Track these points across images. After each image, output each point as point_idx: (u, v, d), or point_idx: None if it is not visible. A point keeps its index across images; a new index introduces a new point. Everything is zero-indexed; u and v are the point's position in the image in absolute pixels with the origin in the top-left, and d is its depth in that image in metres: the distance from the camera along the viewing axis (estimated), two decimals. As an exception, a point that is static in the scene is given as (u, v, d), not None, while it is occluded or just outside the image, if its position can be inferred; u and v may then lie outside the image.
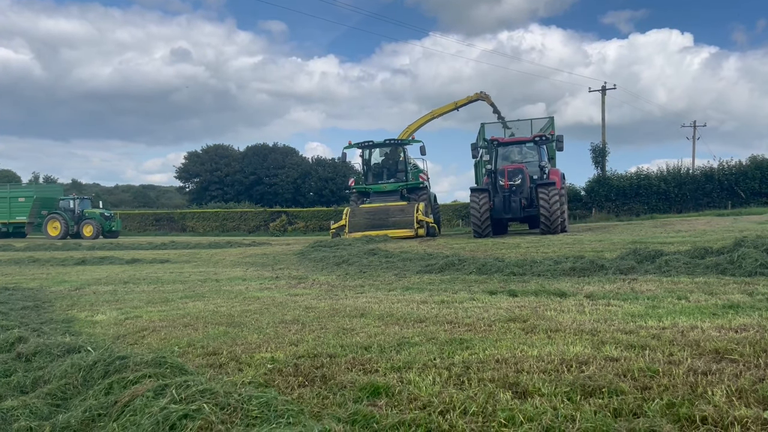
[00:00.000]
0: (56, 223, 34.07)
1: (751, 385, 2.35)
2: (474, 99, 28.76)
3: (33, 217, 36.43)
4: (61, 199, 36.29)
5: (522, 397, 2.47)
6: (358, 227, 19.94)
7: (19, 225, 36.42)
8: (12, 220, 36.27)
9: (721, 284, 5.23)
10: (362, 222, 20.09)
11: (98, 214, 34.69)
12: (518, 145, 19.03)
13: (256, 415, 2.08)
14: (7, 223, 36.22)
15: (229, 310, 5.93)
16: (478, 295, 5.85)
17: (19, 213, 36.11)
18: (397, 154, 24.14)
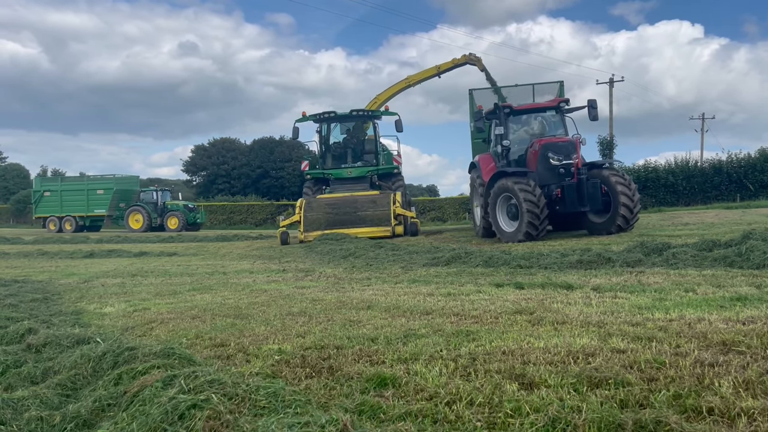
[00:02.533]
0: (138, 216, 32.93)
1: (758, 377, 2.35)
2: (461, 63, 23.05)
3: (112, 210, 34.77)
4: (142, 191, 35.21)
5: (528, 389, 2.48)
6: (315, 224, 15.84)
7: (96, 219, 34.97)
8: (90, 214, 34.87)
9: (729, 277, 5.21)
10: (322, 218, 15.97)
11: (182, 206, 33.61)
12: (538, 112, 14.31)
13: (264, 405, 2.09)
14: (84, 216, 34.85)
15: (237, 302, 5.96)
16: (485, 287, 5.85)
17: (97, 206, 34.64)
18: (364, 131, 19.32)
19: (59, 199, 35.33)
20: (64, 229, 34.43)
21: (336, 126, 19.36)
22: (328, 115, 18.71)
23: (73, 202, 35.18)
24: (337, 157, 18.67)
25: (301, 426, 1.81)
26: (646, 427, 1.91)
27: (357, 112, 18.86)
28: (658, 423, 1.90)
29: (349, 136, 19.33)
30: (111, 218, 35.27)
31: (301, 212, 16.27)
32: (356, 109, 19.03)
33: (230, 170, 57.49)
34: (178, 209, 33.45)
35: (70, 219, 34.92)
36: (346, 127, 19.44)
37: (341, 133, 19.42)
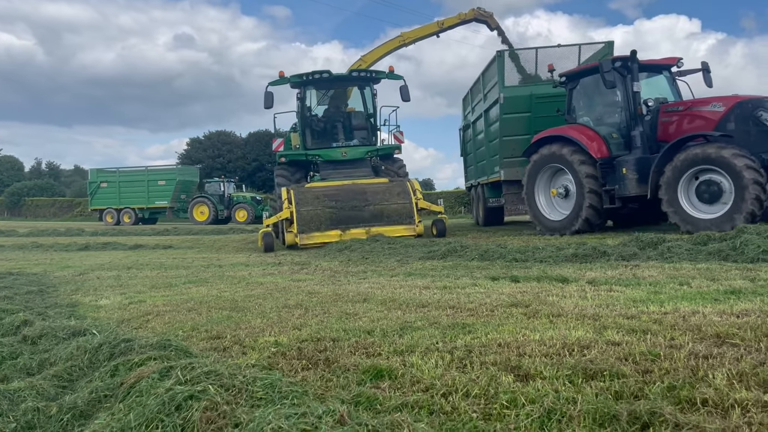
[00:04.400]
0: (203, 208, 32.04)
1: (752, 369, 2.37)
2: (468, 19, 19.17)
3: (174, 202, 33.50)
4: (206, 182, 34.22)
5: (524, 380, 2.49)
6: (314, 223, 11.75)
7: (156, 210, 33.68)
8: (150, 205, 33.59)
9: (723, 270, 5.24)
10: (321, 213, 11.83)
11: (249, 198, 32.69)
12: (660, 70, 11.35)
13: (261, 396, 2.10)
14: (144, 208, 33.61)
15: (233, 295, 5.96)
16: (481, 280, 5.86)
17: (158, 197, 33.32)
18: (358, 99, 14.89)
19: (117, 191, 34.08)
20: (123, 221, 33.33)
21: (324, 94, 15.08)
22: (313, 76, 13.90)
23: (133, 193, 33.93)
24: (322, 133, 14.22)
25: (297, 416, 1.82)
26: (641, 418, 1.92)
27: (354, 72, 14.60)
28: (653, 414, 1.92)
29: (334, 107, 14.95)
30: (173, 210, 33.99)
31: (292, 206, 11.71)
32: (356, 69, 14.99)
33: (226, 163, 57.37)
34: (246, 201, 32.47)
35: (129, 211, 33.81)
36: (335, 96, 15.13)
37: (328, 102, 15.10)
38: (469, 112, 17.42)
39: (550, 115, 12.32)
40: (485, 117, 14.80)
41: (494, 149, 14.23)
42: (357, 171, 13.91)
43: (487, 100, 14.73)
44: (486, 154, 15.24)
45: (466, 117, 18.06)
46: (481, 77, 15.12)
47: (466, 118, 18.26)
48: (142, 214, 33.91)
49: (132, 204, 33.91)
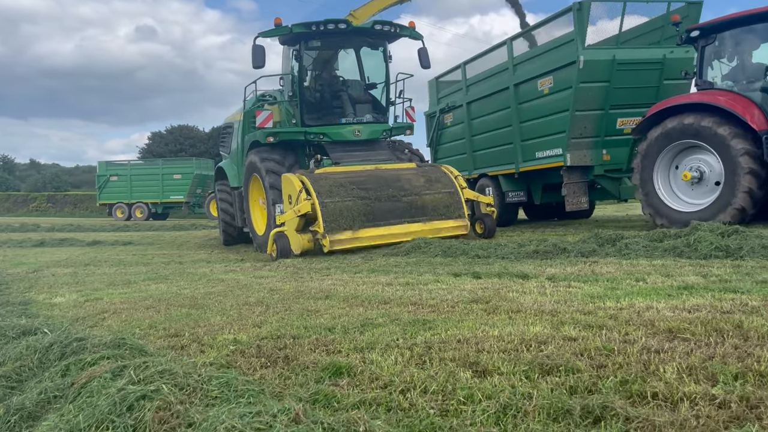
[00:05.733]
0: None
1: (701, 363, 2.43)
2: None
3: (190, 197, 31.74)
4: None
5: (482, 376, 2.51)
6: (345, 219, 8.93)
7: (170, 205, 32.15)
8: (165, 200, 32.09)
9: (678, 266, 5.37)
10: (353, 206, 9.04)
11: None
12: None
13: (216, 395, 2.07)
14: (158, 203, 32.11)
15: (193, 292, 5.88)
16: (443, 277, 5.90)
17: (173, 191, 31.67)
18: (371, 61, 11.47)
19: (128, 185, 32.64)
20: (134, 216, 31.89)
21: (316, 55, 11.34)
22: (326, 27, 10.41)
23: (146, 187, 32.46)
24: (319, 106, 11.03)
25: (252, 415, 1.80)
26: (593, 412, 1.96)
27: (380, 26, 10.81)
28: (605, 408, 1.96)
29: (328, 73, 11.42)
30: (189, 205, 32.22)
31: (312, 197, 8.80)
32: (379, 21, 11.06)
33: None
34: None
35: (142, 206, 32.47)
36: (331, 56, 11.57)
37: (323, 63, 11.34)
38: (457, 91, 14.21)
39: (634, 87, 10.41)
40: (515, 92, 11.98)
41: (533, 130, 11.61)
42: (375, 154, 10.81)
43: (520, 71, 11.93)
44: (508, 138, 12.40)
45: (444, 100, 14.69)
46: (510, 43, 12.30)
47: (441, 101, 14.91)
48: (156, 209, 32.61)
49: (145, 198, 32.60)
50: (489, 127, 13.18)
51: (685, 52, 10.41)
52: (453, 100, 14.38)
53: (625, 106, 10.62)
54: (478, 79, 13.53)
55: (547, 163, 11.41)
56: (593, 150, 10.77)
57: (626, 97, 10.48)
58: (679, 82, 10.59)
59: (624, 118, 10.74)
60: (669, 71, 10.52)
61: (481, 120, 13.45)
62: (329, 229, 8.82)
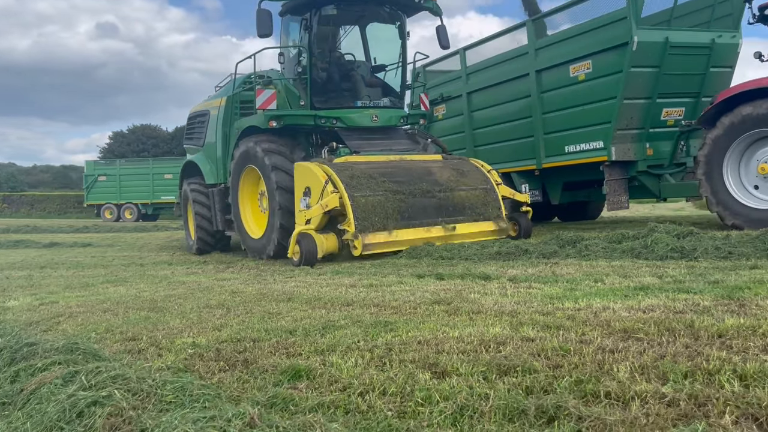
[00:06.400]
0: None
1: (653, 362, 2.49)
2: None
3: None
4: None
5: (440, 377, 2.53)
6: (379, 218, 7.71)
7: (160, 206, 30.92)
8: (155, 201, 30.93)
9: (635, 267, 5.49)
10: (386, 202, 7.82)
11: None
12: None
13: (170, 400, 2.04)
14: (149, 203, 30.99)
15: (153, 295, 5.78)
16: (407, 278, 5.91)
17: (164, 192, 30.35)
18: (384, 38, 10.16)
19: (117, 185, 31.62)
20: (123, 217, 30.95)
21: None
22: None
23: (135, 187, 31.45)
24: (330, 87, 9.60)
25: (206, 420, 1.78)
26: (547, 411, 1.99)
27: None
28: (558, 407, 1.99)
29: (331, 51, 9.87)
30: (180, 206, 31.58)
31: (340, 191, 7.64)
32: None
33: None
34: None
35: (131, 206, 31.48)
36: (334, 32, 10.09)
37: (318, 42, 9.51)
38: (452, 81, 12.86)
39: (682, 74, 9.48)
40: (537, 79, 10.74)
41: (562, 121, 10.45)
42: (395, 143, 9.58)
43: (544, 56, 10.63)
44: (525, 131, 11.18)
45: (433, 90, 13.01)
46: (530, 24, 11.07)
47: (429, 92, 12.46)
48: (146, 209, 31.74)
49: (134, 199, 31.72)
50: (498, 119, 11.81)
51: (731, 38, 9.58)
52: (447, 91, 12.91)
53: (672, 95, 9.64)
54: (483, 66, 12.12)
55: (582, 158, 10.13)
56: (637, 143, 9.69)
57: (673, 85, 9.53)
58: (723, 70, 9.77)
59: (669, 108, 9.75)
60: (716, 58, 9.56)
61: (487, 111, 12.06)
62: (361, 228, 7.54)
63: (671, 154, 9.75)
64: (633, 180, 9.99)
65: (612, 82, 9.43)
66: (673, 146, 9.71)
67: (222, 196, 10.57)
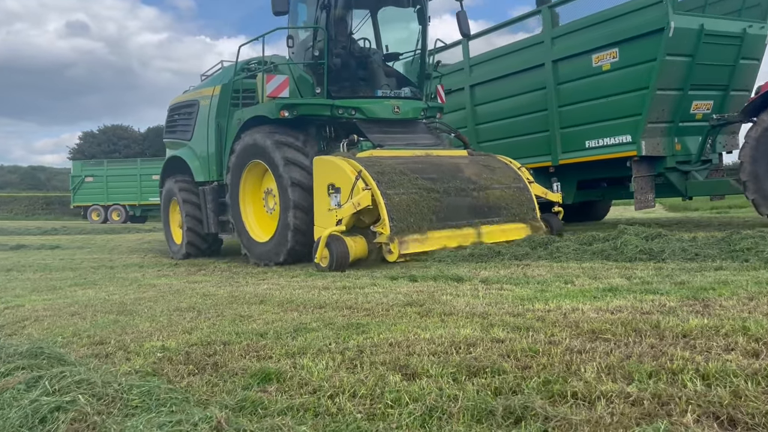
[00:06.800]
0: None
1: (619, 362, 2.53)
2: None
3: None
4: None
5: (411, 379, 2.53)
6: (415, 218, 7.09)
7: (148, 208, 30.30)
8: (143, 202, 30.32)
9: (605, 269, 5.57)
10: (421, 202, 7.20)
11: None
12: None
13: (137, 404, 2.01)
14: (136, 205, 30.40)
15: (122, 297, 5.69)
16: (380, 280, 5.92)
17: (152, 193, 29.26)
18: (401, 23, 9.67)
19: (104, 186, 31.02)
20: (111, 219, 30.33)
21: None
22: None
23: (123, 188, 30.85)
24: (346, 75, 8.77)
25: (172, 424, 1.76)
26: (515, 412, 2.01)
27: None
28: (526, 408, 2.01)
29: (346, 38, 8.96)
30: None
31: (373, 188, 6.96)
32: None
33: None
34: None
35: (119, 208, 30.86)
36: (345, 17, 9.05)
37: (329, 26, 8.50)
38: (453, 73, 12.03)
39: (712, 64, 9.00)
40: (553, 70, 10.11)
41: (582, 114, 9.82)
42: (418, 137, 8.97)
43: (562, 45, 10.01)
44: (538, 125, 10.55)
45: None
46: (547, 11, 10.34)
47: None
48: (133, 211, 31.19)
49: (122, 200, 31.14)
50: (506, 113, 11.13)
51: (760, 29, 9.22)
52: (448, 84, 11.66)
53: (702, 87, 9.16)
54: (488, 57, 11.46)
55: (605, 153, 9.50)
56: (666, 138, 9.18)
57: (704, 77, 9.03)
58: (751, 62, 9.41)
59: (699, 101, 9.28)
60: (746, 49, 9.17)
61: (493, 105, 11.37)
62: (396, 230, 6.89)
63: (699, 149, 9.26)
64: (658, 177, 9.47)
65: (644, 71, 8.84)
66: (702, 141, 9.24)
67: (215, 194, 9.72)
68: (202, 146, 10.13)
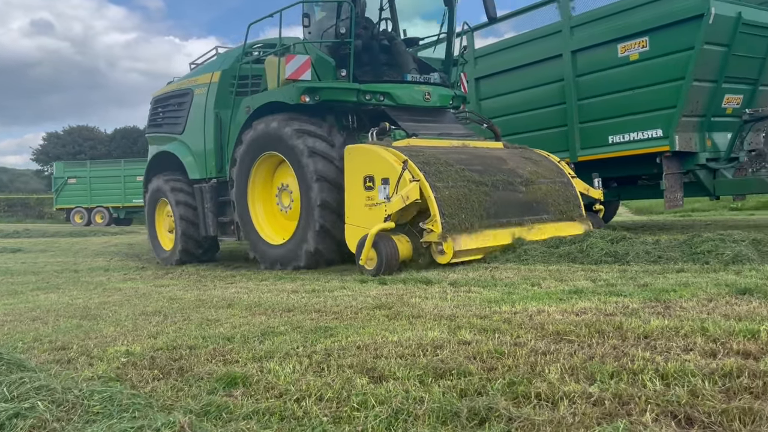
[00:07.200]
0: None
1: (582, 363, 2.58)
2: None
3: None
4: None
5: (377, 382, 2.54)
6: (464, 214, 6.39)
7: (133, 210, 29.47)
8: (127, 204, 29.54)
9: (571, 271, 5.66)
10: (469, 196, 6.51)
11: None
12: None
13: (98, 410, 1.98)
14: (120, 207, 29.54)
15: (86, 302, 5.59)
16: (350, 283, 5.92)
17: (136, 195, 28.43)
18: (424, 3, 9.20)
19: (88, 188, 30.09)
20: (94, 221, 29.42)
21: None
22: None
23: (107, 190, 30.03)
24: (369, 59, 8.06)
25: (134, 430, 1.74)
26: (479, 413, 2.03)
27: None
28: (490, 409, 2.03)
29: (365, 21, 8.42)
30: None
31: (421, 181, 6.33)
32: None
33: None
34: None
35: (102, 210, 29.97)
36: None
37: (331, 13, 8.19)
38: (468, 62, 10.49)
39: (745, 56, 8.55)
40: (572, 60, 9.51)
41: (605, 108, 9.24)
42: (450, 128, 8.29)
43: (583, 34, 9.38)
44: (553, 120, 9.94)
45: None
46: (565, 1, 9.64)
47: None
48: (117, 213, 30.39)
49: (105, 202, 30.30)
50: (517, 107, 10.48)
51: None
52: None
53: (735, 79, 8.72)
54: (495, 49, 10.80)
55: (633, 149, 8.91)
56: (698, 133, 8.68)
57: (738, 69, 8.59)
58: None
59: (731, 95, 8.82)
60: None
61: (500, 99, 10.72)
62: (449, 227, 6.23)
63: (730, 146, 8.80)
64: (685, 175, 8.90)
65: (679, 61, 8.32)
66: (733, 138, 8.80)
67: (214, 193, 8.89)
68: (197, 140, 9.21)
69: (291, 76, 7.44)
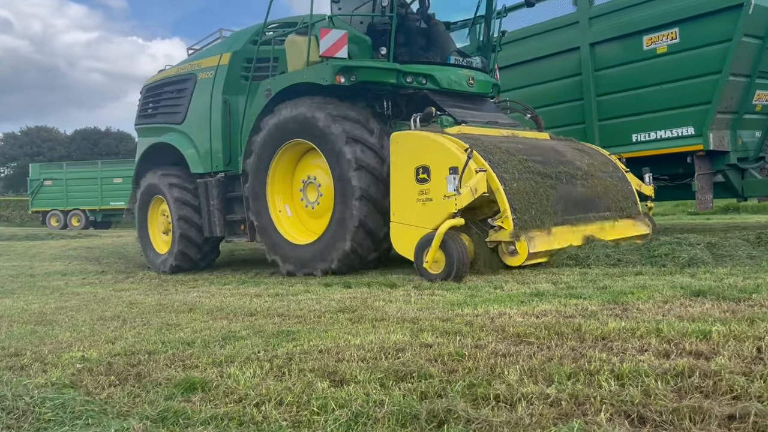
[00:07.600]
0: None
1: (540, 365, 2.61)
2: None
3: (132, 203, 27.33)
4: None
5: (338, 385, 2.53)
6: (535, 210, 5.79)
7: (110, 213, 28.35)
8: (105, 207, 28.36)
9: (533, 274, 5.73)
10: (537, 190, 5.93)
11: None
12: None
13: (49, 418, 1.93)
14: (97, 210, 28.36)
15: (42, 307, 5.44)
16: (314, 287, 5.89)
17: (114, 198, 27.95)
18: None
19: (64, 190, 28.97)
20: (70, 224, 28.30)
21: None
22: None
23: (83, 192, 28.91)
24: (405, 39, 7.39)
25: (86, 438, 1.70)
26: (438, 416, 2.04)
27: None
28: (449, 411, 2.05)
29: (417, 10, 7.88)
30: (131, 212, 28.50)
31: (489, 173, 5.66)
32: None
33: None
34: None
35: (78, 213, 28.82)
36: None
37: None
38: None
39: None
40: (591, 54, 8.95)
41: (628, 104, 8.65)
42: (495, 116, 7.61)
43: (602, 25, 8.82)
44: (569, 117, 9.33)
45: None
46: None
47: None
48: (94, 216, 29.31)
49: (82, 205, 29.21)
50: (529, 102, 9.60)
51: None
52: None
53: (765, 74, 8.19)
54: (509, 39, 9.80)
55: (663, 147, 8.31)
56: (730, 131, 8.16)
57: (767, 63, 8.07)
58: None
59: (762, 90, 8.30)
60: None
61: (512, 94, 9.94)
62: (521, 224, 5.66)
63: (759, 145, 8.36)
64: (715, 175, 8.34)
65: (714, 54, 7.75)
66: (763, 136, 8.35)
67: (222, 189, 8.00)
68: (201, 129, 8.27)
69: (325, 53, 6.56)
